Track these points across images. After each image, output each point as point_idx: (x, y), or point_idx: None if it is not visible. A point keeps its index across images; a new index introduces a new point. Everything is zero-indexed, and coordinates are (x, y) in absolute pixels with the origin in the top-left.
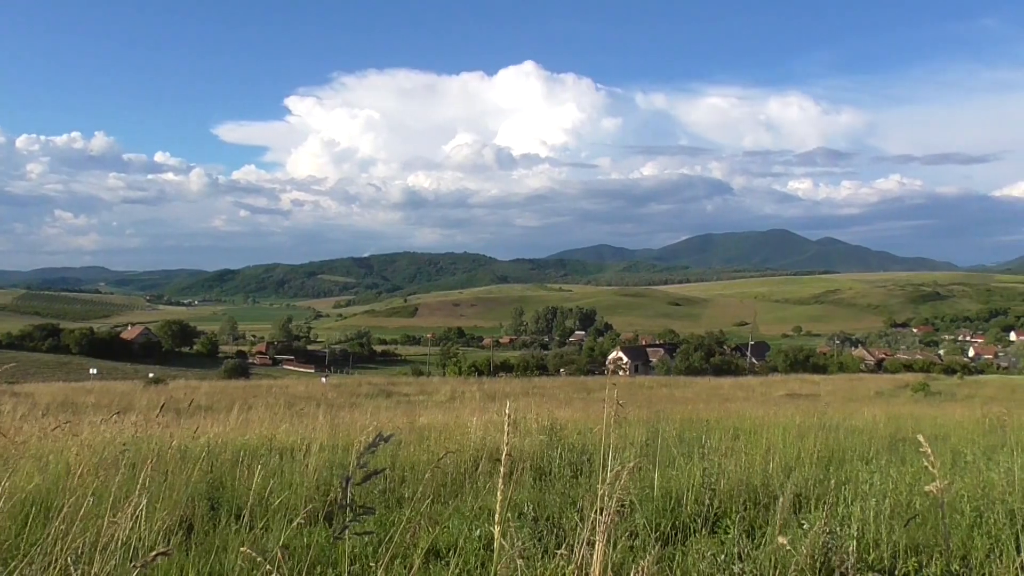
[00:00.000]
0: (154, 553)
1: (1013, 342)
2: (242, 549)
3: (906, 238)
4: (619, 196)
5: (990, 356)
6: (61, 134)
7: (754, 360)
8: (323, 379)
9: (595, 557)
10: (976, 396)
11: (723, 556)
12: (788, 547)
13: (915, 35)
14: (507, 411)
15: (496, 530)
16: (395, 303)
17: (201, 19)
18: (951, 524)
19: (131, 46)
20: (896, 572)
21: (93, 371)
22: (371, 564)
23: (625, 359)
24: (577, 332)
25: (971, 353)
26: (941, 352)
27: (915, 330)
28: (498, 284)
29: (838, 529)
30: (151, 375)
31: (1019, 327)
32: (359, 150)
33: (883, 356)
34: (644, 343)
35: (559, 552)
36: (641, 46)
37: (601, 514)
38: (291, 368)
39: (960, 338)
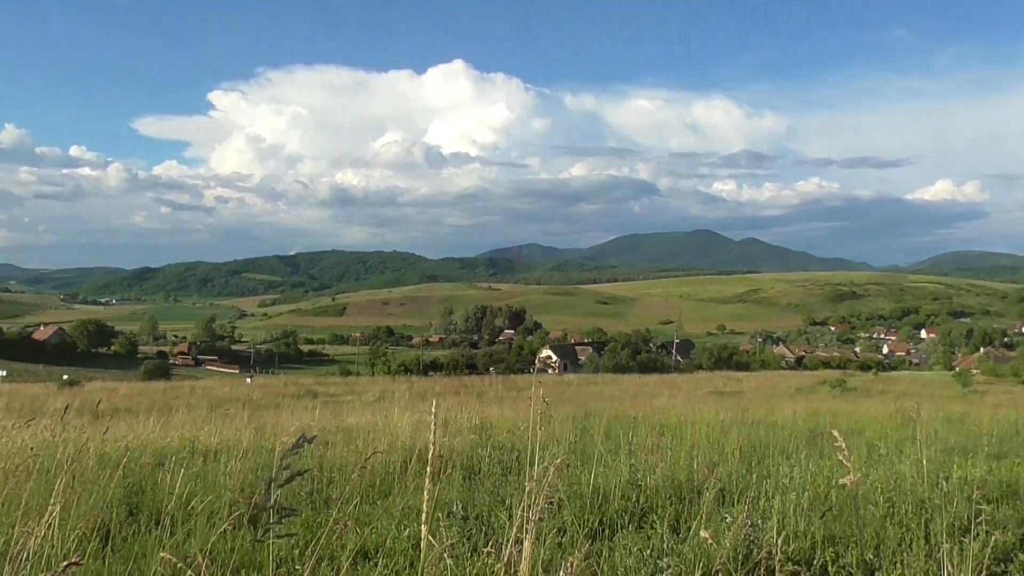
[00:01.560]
0: (65, 563)
1: (924, 340)
2: (162, 555)
3: (824, 239)
4: (548, 196)
5: (903, 353)
6: None
7: (679, 358)
8: (248, 380)
9: (524, 554)
10: (889, 392)
11: (649, 551)
12: (711, 541)
13: (832, 43)
14: (434, 410)
15: (424, 529)
16: (322, 302)
17: (119, 8)
18: (865, 515)
19: (44, 34)
20: (814, 563)
21: (2, 373)
22: (297, 567)
23: (554, 357)
24: (507, 331)
25: (885, 350)
26: (857, 349)
27: (833, 328)
28: (427, 283)
29: (759, 522)
30: (65, 377)
31: (929, 325)
32: (286, 146)
33: (803, 353)
34: (573, 341)
35: (487, 550)
36: (570, 47)
37: (529, 511)
38: (214, 369)
39: (875, 336)
